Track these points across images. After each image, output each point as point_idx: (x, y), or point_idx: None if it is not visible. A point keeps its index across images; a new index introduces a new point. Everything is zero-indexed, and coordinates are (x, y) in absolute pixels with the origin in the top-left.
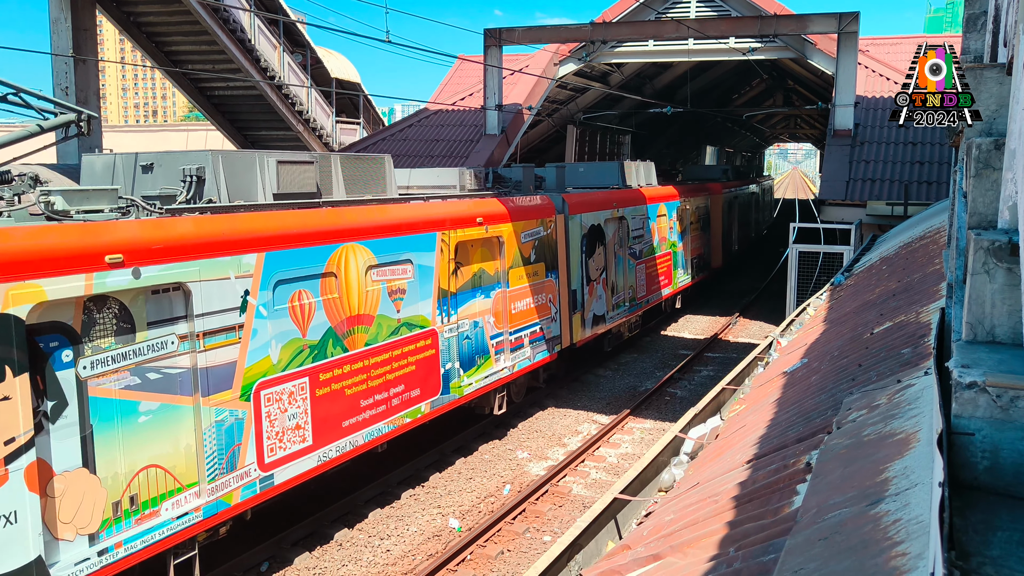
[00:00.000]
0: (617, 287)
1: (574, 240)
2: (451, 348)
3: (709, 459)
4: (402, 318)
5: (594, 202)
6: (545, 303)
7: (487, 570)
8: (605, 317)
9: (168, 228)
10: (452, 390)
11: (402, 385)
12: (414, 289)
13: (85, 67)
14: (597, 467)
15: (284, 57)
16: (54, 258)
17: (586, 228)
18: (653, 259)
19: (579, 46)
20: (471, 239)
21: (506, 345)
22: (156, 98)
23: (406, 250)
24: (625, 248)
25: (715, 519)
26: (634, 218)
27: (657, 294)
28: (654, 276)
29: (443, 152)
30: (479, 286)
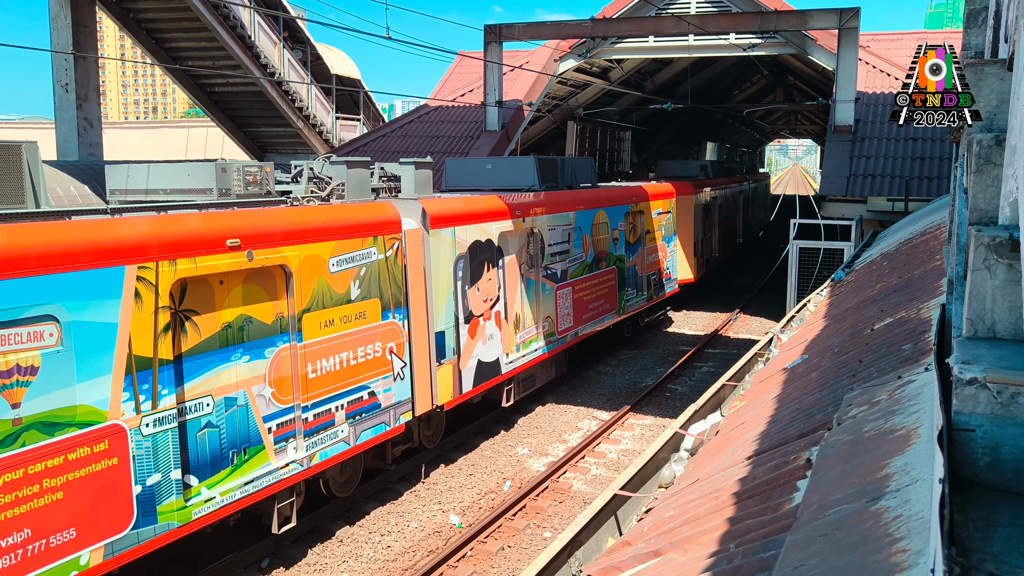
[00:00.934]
0: (524, 320)
1: (441, 263)
2: (163, 449)
3: (709, 455)
4: (26, 416)
5: (480, 211)
6: (380, 356)
7: (487, 566)
8: (500, 363)
9: None
10: (161, 517)
11: (27, 531)
12: (62, 365)
13: (85, 64)
14: (597, 463)
15: (284, 53)
16: None
17: (464, 246)
18: (587, 279)
19: (579, 42)
20: (215, 272)
21: (298, 426)
22: (156, 95)
23: (40, 301)
24: (538, 269)
25: (715, 515)
26: (553, 229)
27: (594, 323)
28: (587, 301)
29: (443, 148)
30: (240, 343)
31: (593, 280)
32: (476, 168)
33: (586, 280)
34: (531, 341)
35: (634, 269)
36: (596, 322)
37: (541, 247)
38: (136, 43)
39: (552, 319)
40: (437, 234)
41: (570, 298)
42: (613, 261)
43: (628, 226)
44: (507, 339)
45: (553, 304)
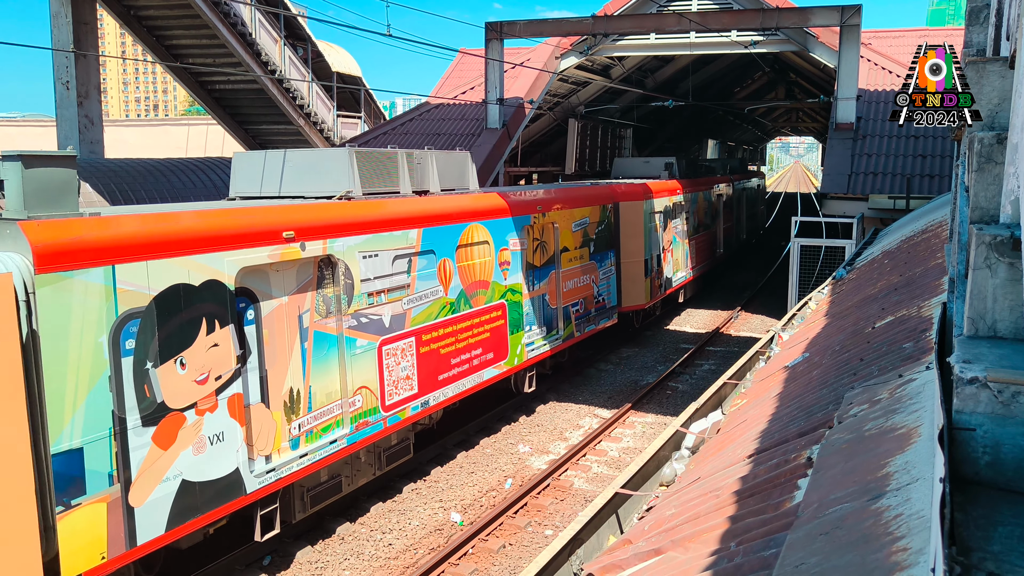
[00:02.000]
0: (307, 400)
1: (71, 331)
2: None
3: (710, 454)
4: None
5: (191, 235)
6: None
7: (489, 564)
8: (242, 477)
9: None
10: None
11: None
12: None
13: (86, 62)
14: (598, 461)
15: (285, 51)
16: None
17: (144, 296)
18: (446, 323)
19: (580, 39)
20: None
21: None
22: (157, 92)
23: None
24: (340, 315)
25: (716, 514)
26: (374, 256)
27: (464, 381)
28: (448, 354)
29: (444, 146)
30: None
31: (459, 323)
32: (271, 167)
33: (445, 324)
34: (326, 429)
35: (541, 300)
36: (470, 379)
37: (348, 284)
38: (137, 40)
39: (372, 390)
40: (62, 282)
41: (412, 354)
42: (500, 293)
43: (531, 244)
44: (262, 435)
45: (375, 367)
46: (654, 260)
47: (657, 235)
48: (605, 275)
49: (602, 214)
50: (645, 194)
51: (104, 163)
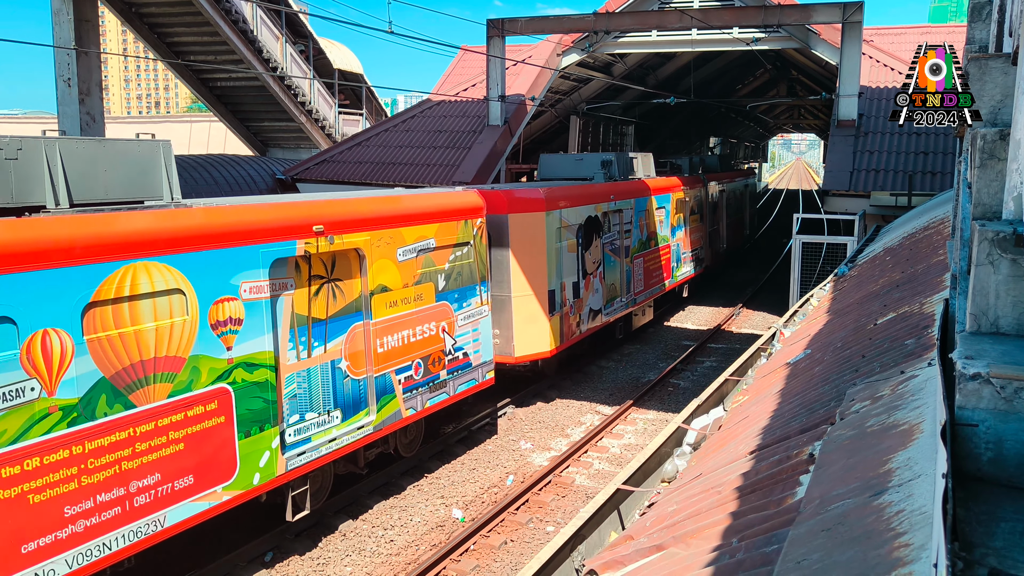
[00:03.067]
0: None
1: None
2: None
3: (712, 450)
4: None
5: None
6: None
7: (490, 560)
8: None
9: None
10: None
11: None
12: None
13: (87, 59)
14: (600, 458)
15: (286, 48)
16: None
17: None
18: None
19: (582, 36)
20: None
21: None
22: (159, 89)
23: None
24: None
25: (718, 510)
26: None
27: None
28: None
29: (446, 143)
30: None
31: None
32: None
33: (47, 448)
34: None
35: (329, 370)
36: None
37: None
38: (138, 38)
39: None
40: None
41: None
42: (213, 374)
43: (303, 284)
44: None
45: None
46: (567, 290)
47: (572, 256)
48: (473, 319)
49: (462, 233)
50: (553, 202)
51: None
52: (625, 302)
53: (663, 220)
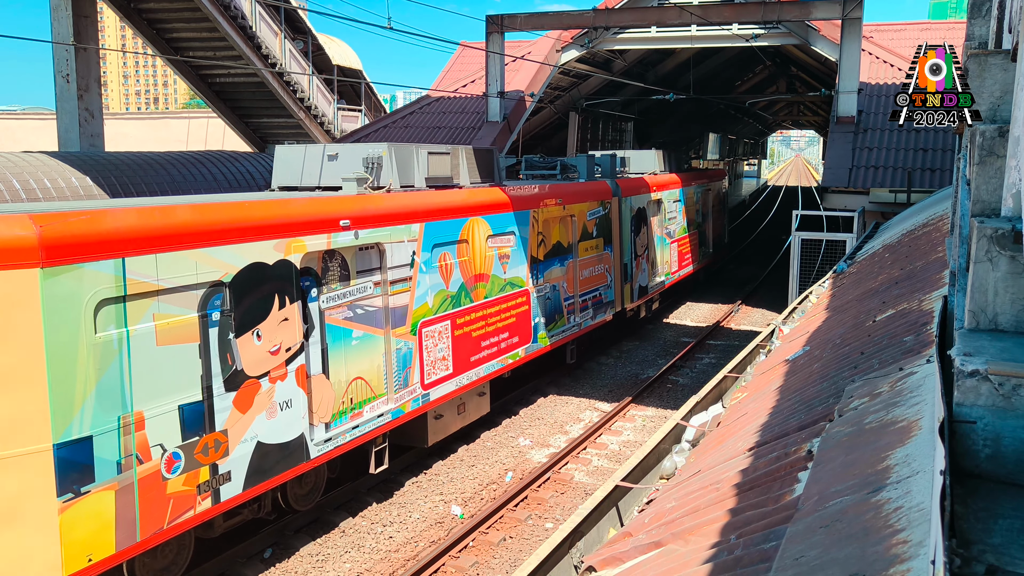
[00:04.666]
0: None
1: None
2: None
3: (711, 447)
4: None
5: None
6: None
7: (489, 557)
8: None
9: None
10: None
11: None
12: None
13: (86, 55)
14: (599, 454)
15: (285, 44)
16: None
17: None
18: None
19: (581, 32)
20: None
21: None
22: (157, 85)
23: None
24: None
25: (716, 507)
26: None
27: None
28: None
29: (445, 139)
30: None
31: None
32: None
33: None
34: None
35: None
36: None
37: None
38: (137, 33)
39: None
40: None
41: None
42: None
43: None
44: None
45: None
46: None
47: None
48: None
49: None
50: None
51: (105, 156)
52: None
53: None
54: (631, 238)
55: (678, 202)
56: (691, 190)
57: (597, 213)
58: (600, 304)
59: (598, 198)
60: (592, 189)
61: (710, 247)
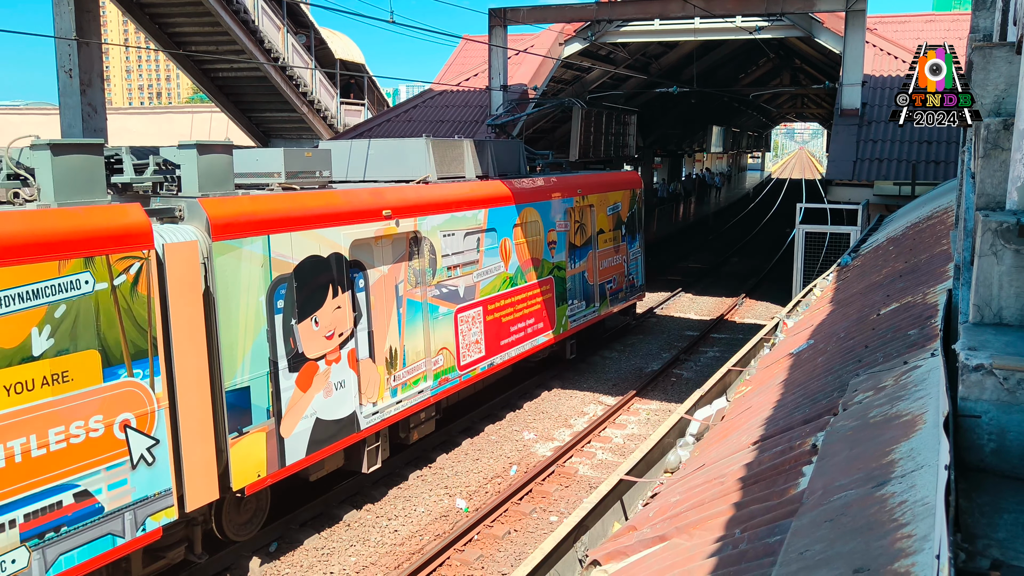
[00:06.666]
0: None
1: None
2: None
3: (715, 441)
4: None
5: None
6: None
7: (494, 550)
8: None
9: None
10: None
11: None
12: None
13: (88, 49)
14: (603, 448)
15: (288, 38)
16: None
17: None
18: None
19: (584, 25)
20: None
21: None
22: (160, 80)
23: None
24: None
25: (721, 500)
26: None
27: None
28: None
29: (448, 133)
30: None
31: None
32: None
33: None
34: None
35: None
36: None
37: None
38: (139, 28)
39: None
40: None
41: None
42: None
43: None
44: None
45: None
46: None
47: None
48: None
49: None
50: None
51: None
52: None
53: None
54: None
55: (486, 233)
56: (534, 209)
57: None
58: None
59: None
60: None
61: (594, 299)
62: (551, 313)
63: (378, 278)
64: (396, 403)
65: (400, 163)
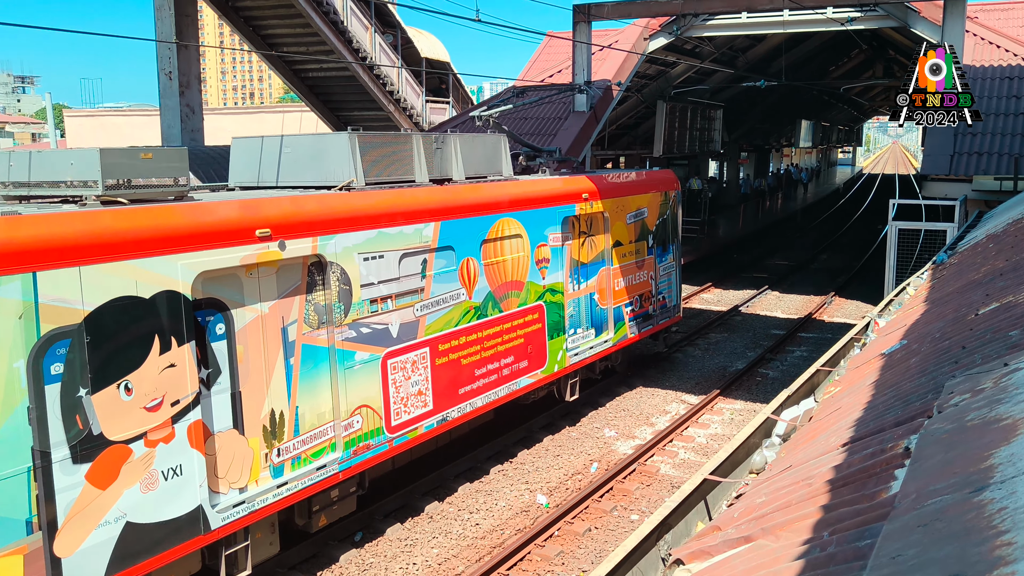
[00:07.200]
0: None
1: None
2: None
3: (802, 441)
4: None
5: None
6: None
7: (575, 547)
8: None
9: None
10: None
11: None
12: None
13: (187, 52)
14: (685, 447)
15: (375, 38)
16: None
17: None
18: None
19: (670, 20)
20: None
21: None
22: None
23: None
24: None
25: (808, 502)
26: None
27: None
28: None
29: (531, 130)
30: None
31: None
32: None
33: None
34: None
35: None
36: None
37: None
38: (234, 30)
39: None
40: None
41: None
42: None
43: None
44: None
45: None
46: None
47: None
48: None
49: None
50: None
51: (205, 150)
52: None
53: None
54: None
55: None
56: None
57: None
58: None
59: None
60: None
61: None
62: (540, 347)
63: (251, 320)
64: (280, 486)
65: (319, 165)
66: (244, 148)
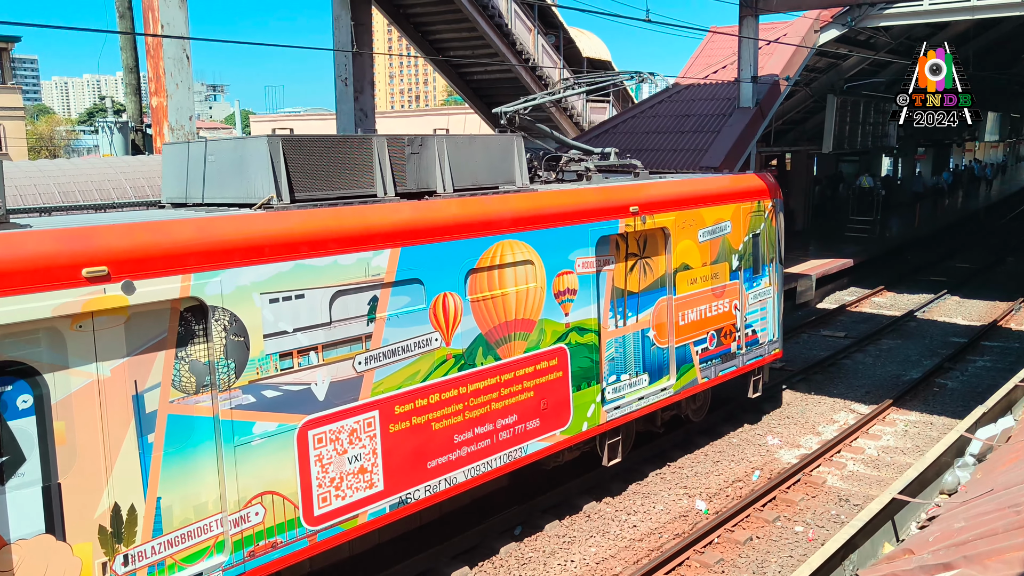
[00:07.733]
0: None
1: None
2: None
3: (1002, 463)
4: None
5: None
6: None
7: (735, 555)
8: None
9: None
10: None
11: None
12: None
13: (361, 59)
14: (854, 459)
15: (538, 39)
16: None
17: None
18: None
19: (842, 10)
20: None
21: None
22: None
23: None
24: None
25: (1018, 532)
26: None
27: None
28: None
29: (693, 127)
30: None
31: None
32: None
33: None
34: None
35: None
36: None
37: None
38: (403, 36)
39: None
40: None
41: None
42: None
43: None
44: None
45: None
46: None
47: None
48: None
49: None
50: None
51: None
52: None
53: None
54: None
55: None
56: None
57: None
58: None
59: None
60: None
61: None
62: (561, 401)
63: (79, 388)
64: None
65: (240, 178)
66: (173, 156)
